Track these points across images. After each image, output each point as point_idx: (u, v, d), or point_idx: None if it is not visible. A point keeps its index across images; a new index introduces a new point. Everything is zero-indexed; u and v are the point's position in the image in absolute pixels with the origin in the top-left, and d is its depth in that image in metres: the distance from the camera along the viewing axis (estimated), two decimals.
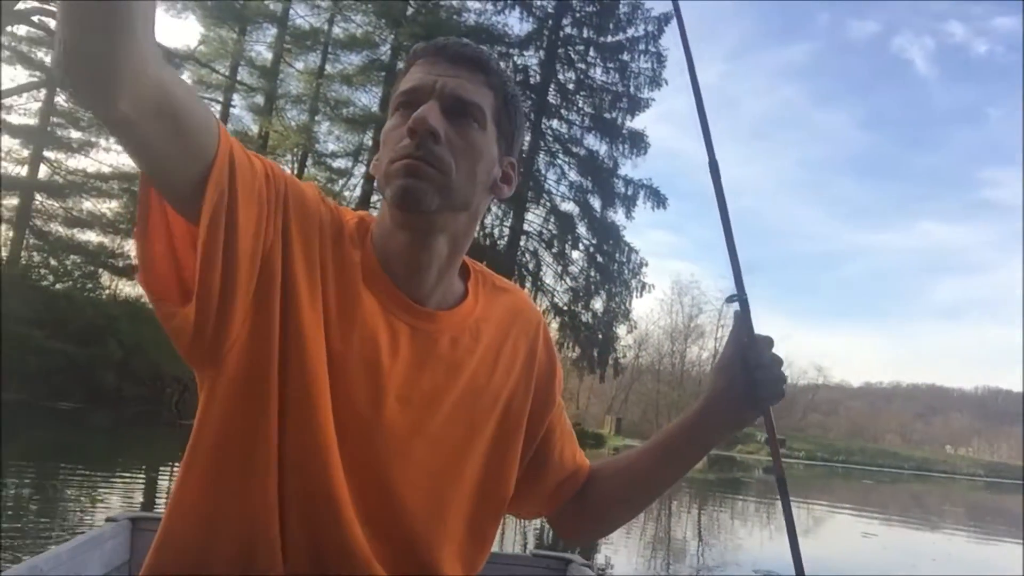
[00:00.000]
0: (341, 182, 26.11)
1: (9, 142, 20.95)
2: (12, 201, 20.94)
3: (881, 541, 10.22)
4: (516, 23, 29.73)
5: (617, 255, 29.15)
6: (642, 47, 28.64)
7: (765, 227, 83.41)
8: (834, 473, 30.54)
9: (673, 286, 53.09)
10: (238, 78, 23.88)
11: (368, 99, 24.67)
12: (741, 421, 1.07)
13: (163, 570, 0.91)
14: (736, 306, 1.05)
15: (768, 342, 1.03)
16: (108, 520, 1.60)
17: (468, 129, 0.95)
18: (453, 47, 0.97)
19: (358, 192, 25.39)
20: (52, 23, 20.23)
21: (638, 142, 28.94)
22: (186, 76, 22.41)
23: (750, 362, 1.02)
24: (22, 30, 20.14)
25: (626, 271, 29.34)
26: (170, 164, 0.80)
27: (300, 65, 24.55)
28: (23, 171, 21.13)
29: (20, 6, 17.85)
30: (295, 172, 23.77)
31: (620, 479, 1.15)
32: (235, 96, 24.06)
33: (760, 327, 1.04)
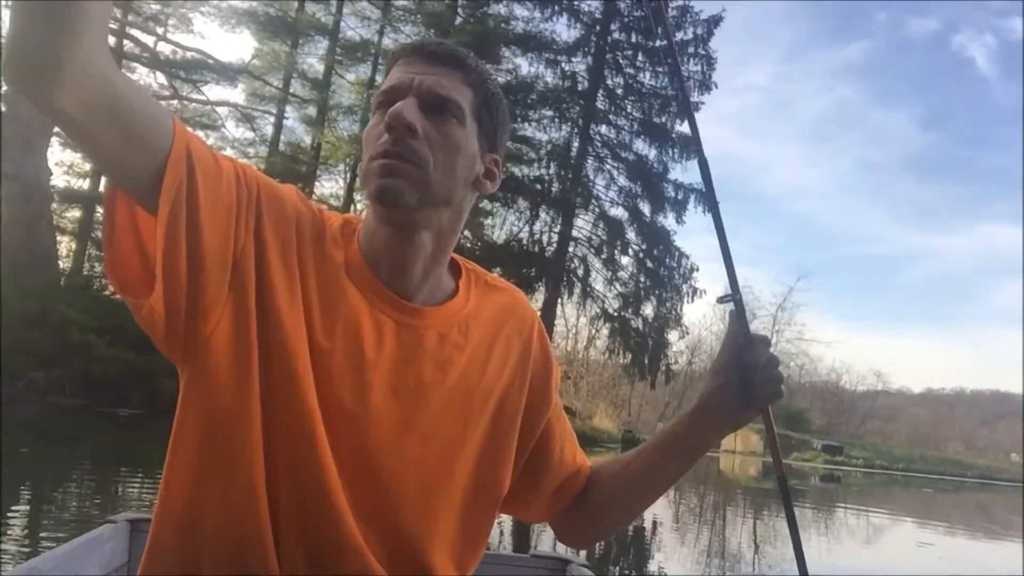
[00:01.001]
0: None
1: (72, 155, 21.68)
2: (75, 213, 21.62)
3: (938, 551, 9.93)
4: (564, 30, 29.78)
5: (667, 260, 28.90)
6: (691, 50, 28.41)
7: (822, 230, 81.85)
8: (894, 481, 29.77)
9: (725, 291, 52.25)
10: (291, 90, 24.28)
11: None
12: (738, 422, 1.06)
13: (157, 570, 0.91)
14: (731, 307, 1.05)
15: (764, 342, 1.03)
16: (107, 521, 1.60)
17: (446, 124, 0.96)
18: (430, 47, 0.99)
19: None
20: (112, 40, 20.88)
21: (688, 146, 28.67)
22: (240, 89, 22.92)
23: (746, 363, 1.02)
24: None
25: (677, 276, 29.05)
26: (121, 161, 0.81)
27: (351, 76, 24.89)
28: (85, 184, 21.81)
29: None
30: (347, 182, 24.10)
31: (619, 480, 1.15)
32: (288, 108, 24.48)
33: (817, 331, 1.03)
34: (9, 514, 5.46)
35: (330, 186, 24.89)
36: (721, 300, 1.05)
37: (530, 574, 1.67)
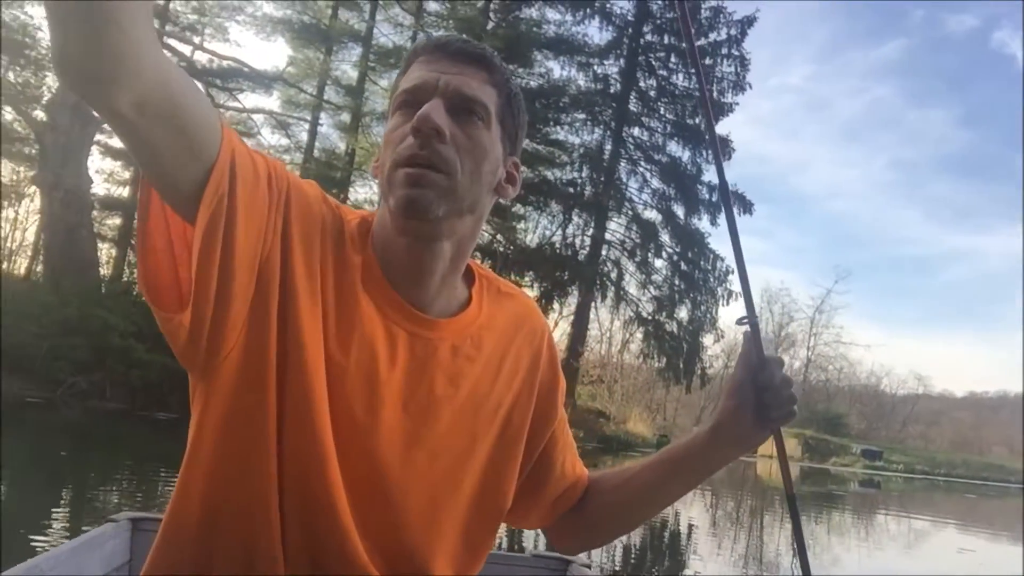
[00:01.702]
0: None
1: (112, 164, 22.13)
2: (115, 221, 22.03)
3: (979, 558, 9.72)
4: (596, 33, 29.71)
5: (702, 263, 28.69)
6: (724, 51, 28.22)
7: (859, 231, 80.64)
8: (935, 486, 29.25)
9: (762, 294, 51.74)
10: (325, 97, 24.50)
11: None
12: (751, 442, 1.06)
13: (165, 570, 0.91)
14: (746, 328, 1.04)
15: (778, 363, 1.02)
16: (108, 520, 1.59)
17: (473, 127, 0.93)
18: (455, 44, 0.95)
19: None
20: None
21: (722, 147, 28.46)
22: (275, 96, 23.20)
23: (760, 384, 1.01)
24: None
25: (711, 279, 28.84)
26: (171, 163, 0.77)
27: (384, 82, 25.02)
28: (125, 192, 22.22)
29: None
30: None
31: (621, 493, 1.14)
32: (322, 115, 24.71)
33: (856, 334, 1.02)
34: (53, 514, 5.57)
35: (364, 192, 25.06)
36: (739, 322, 1.04)
37: (530, 574, 1.67)
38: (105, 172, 22.27)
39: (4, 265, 21.66)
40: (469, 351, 0.99)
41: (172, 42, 21.75)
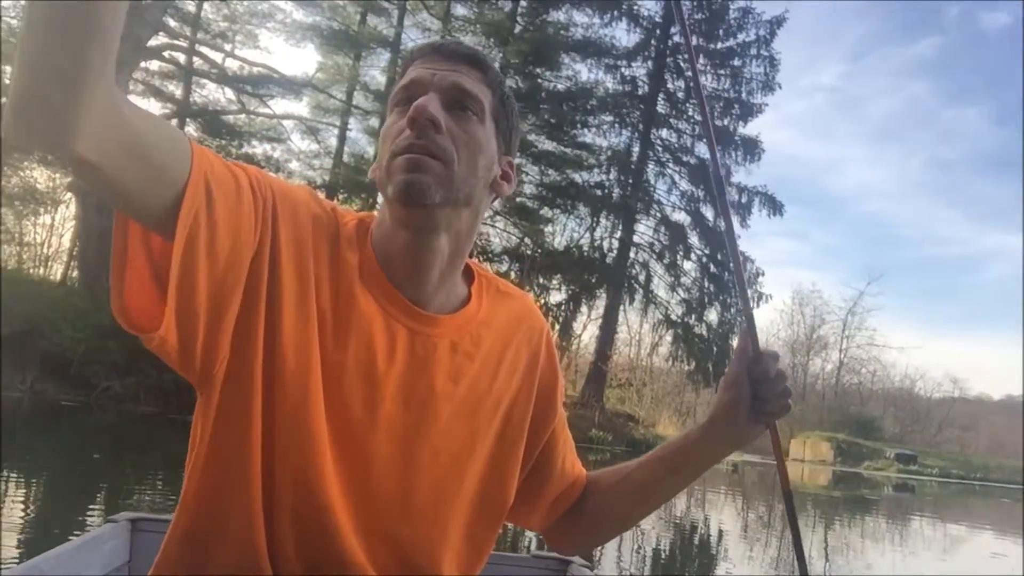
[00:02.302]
0: None
1: None
2: None
3: (1011, 563, 9.53)
4: (623, 35, 29.62)
5: (731, 265, 28.47)
6: (753, 52, 28.08)
7: (894, 232, 79.31)
8: (971, 491, 28.75)
9: (794, 296, 51.43)
10: (354, 102, 24.67)
11: None
12: (747, 436, 1.06)
13: (166, 571, 0.93)
14: (742, 321, 1.06)
15: (774, 357, 1.02)
16: (108, 520, 1.59)
17: (468, 121, 0.94)
18: (450, 46, 0.97)
19: None
20: (182, 58, 21.56)
21: (751, 148, 28.31)
22: (305, 102, 23.41)
23: (755, 377, 1.02)
24: (154, 65, 21.51)
25: None
26: (139, 197, 0.76)
27: None
28: None
29: (152, 42, 19.04)
30: None
31: (619, 490, 1.14)
32: (351, 120, 24.88)
33: (890, 336, 1.01)
34: (88, 514, 5.66)
35: None
36: (736, 314, 1.05)
37: (530, 574, 1.66)
38: None
39: (40, 270, 22.06)
40: (468, 348, 1.00)
41: (204, 49, 22.04)
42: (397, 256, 0.96)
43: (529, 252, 25.13)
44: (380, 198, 0.99)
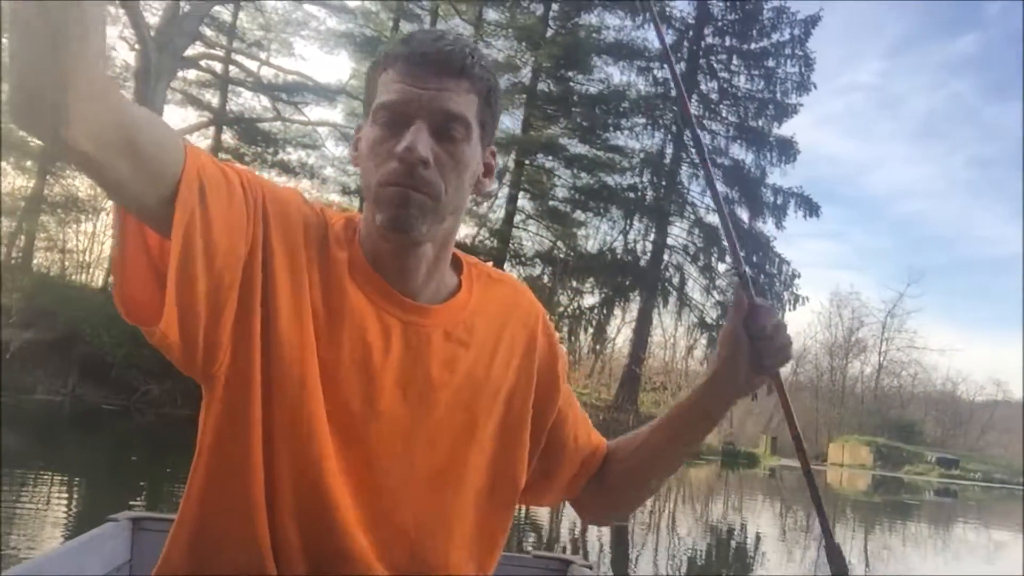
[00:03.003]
0: (485, 204, 26.65)
1: None
2: None
3: None
4: (656, 37, 29.38)
5: (767, 267, 28.22)
6: (788, 52, 27.79)
7: (935, 232, 77.51)
8: (1015, 496, 28.10)
9: (832, 298, 50.50)
10: None
11: (511, 122, 25.07)
12: (749, 388, 1.06)
13: (169, 570, 0.94)
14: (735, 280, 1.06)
15: (769, 310, 1.02)
16: (109, 519, 1.59)
17: (455, 145, 0.94)
18: (437, 58, 0.93)
19: (501, 214, 25.80)
20: (218, 67, 21.88)
21: (787, 149, 28.01)
22: (339, 108, 23.61)
23: (752, 331, 1.02)
24: (192, 74, 21.87)
25: (777, 283, 28.33)
26: (135, 189, 0.79)
27: None
28: None
29: (189, 52, 19.34)
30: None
31: (637, 456, 1.15)
32: None
33: (931, 338, 0.99)
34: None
35: None
36: (728, 272, 1.04)
37: (531, 574, 1.65)
38: None
39: (82, 277, 22.49)
40: (462, 336, 1.01)
41: (240, 58, 22.35)
42: (383, 257, 0.97)
43: (562, 256, 25.10)
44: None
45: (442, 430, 0.98)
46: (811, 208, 27.95)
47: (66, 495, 7.05)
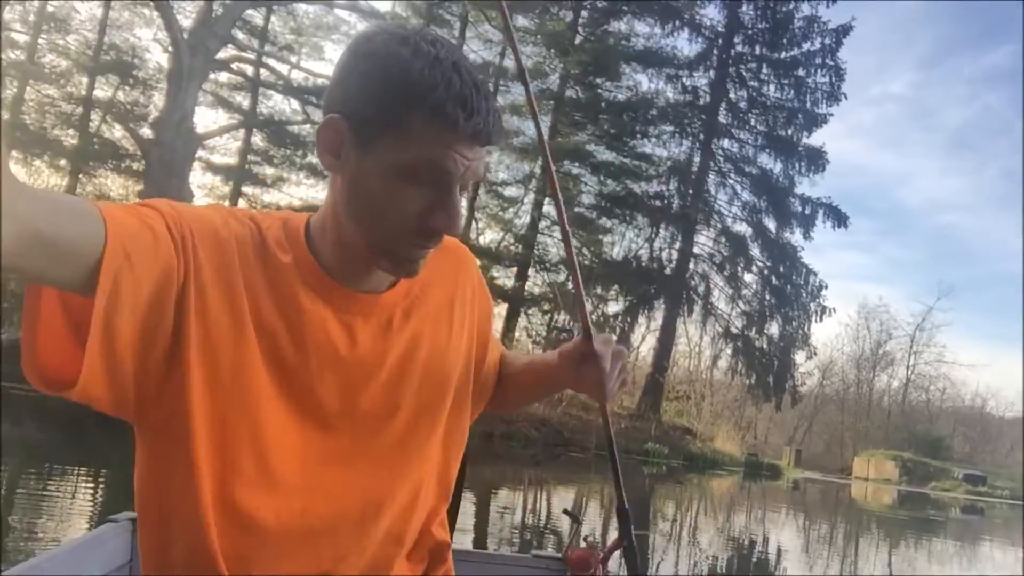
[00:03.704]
0: (512, 210, 26.68)
1: (212, 178, 23.19)
2: None
3: None
4: (685, 44, 29.39)
5: (794, 277, 28.01)
6: (818, 61, 27.58)
7: (967, 245, 76.14)
8: None
9: (859, 310, 50.12)
10: None
11: None
12: (575, 389, 1.13)
13: (155, 571, 0.94)
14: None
15: (605, 358, 1.07)
16: (109, 520, 1.59)
17: (462, 195, 0.95)
18: (487, 133, 0.90)
19: (527, 219, 25.83)
20: (249, 70, 22.09)
21: (816, 159, 27.79)
22: None
23: (582, 374, 1.08)
24: (223, 77, 22.13)
25: (804, 294, 28.11)
26: (53, 275, 0.75)
27: None
28: (225, 204, 23.07)
29: (221, 55, 19.55)
30: (469, 200, 24.47)
31: (512, 383, 1.24)
32: None
33: (960, 353, 0.97)
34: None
35: None
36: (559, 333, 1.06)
37: (530, 574, 1.65)
38: (206, 187, 23.33)
39: None
40: (420, 311, 1.04)
41: (271, 62, 22.58)
42: (341, 259, 0.96)
43: (587, 262, 25.05)
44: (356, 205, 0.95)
45: (418, 406, 1.02)
46: (840, 219, 27.71)
47: (91, 489, 7.14)
